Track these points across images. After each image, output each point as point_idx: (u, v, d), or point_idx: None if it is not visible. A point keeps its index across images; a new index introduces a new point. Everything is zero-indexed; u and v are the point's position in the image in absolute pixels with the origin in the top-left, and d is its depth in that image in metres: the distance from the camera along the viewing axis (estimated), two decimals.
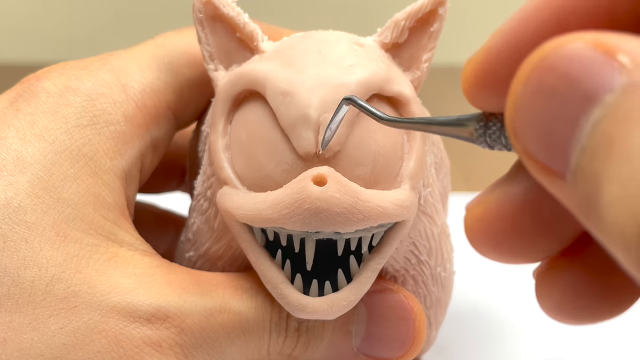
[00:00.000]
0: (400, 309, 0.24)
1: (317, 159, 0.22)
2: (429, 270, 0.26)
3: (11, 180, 0.22)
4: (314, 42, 0.23)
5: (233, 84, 0.23)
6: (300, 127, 0.21)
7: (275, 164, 0.22)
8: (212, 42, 0.25)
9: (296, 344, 0.24)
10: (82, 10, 0.77)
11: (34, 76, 0.25)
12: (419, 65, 0.25)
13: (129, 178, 0.25)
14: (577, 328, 0.33)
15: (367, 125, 0.22)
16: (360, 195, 0.21)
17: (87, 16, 0.77)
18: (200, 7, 0.25)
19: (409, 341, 0.24)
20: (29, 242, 0.22)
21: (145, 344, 0.22)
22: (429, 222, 0.25)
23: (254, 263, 0.23)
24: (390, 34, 0.24)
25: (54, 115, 0.24)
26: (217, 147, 0.23)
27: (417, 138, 0.23)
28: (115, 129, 0.25)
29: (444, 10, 0.24)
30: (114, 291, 0.22)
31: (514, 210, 0.17)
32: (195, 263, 0.26)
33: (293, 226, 0.21)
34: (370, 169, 0.22)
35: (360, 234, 0.22)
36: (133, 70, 0.26)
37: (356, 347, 0.24)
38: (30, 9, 0.76)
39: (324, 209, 0.21)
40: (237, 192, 0.23)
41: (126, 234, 0.24)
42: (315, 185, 0.21)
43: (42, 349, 0.21)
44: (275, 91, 0.22)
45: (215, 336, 0.23)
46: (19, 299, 0.21)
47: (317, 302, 0.22)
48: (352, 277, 0.23)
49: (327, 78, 0.22)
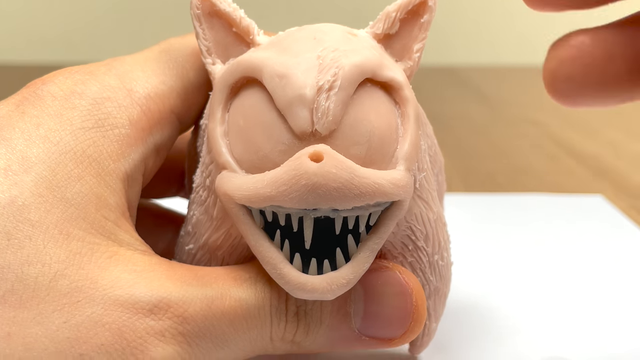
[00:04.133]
0: (396, 285, 0.25)
1: (313, 138, 0.22)
2: (427, 257, 0.26)
3: (16, 179, 0.23)
4: (309, 31, 0.24)
5: (230, 72, 0.24)
6: (297, 106, 0.22)
7: (272, 144, 0.23)
8: (210, 37, 0.26)
9: (297, 329, 0.24)
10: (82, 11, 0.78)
11: (39, 80, 0.26)
12: (411, 55, 0.26)
13: (131, 180, 0.26)
14: (577, 327, 0.33)
15: (362, 106, 0.23)
16: (357, 172, 0.22)
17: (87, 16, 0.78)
18: (198, 4, 0.26)
19: (407, 317, 0.25)
20: (32, 239, 0.22)
21: (148, 334, 0.22)
22: (424, 207, 0.26)
23: (253, 245, 0.23)
24: (382, 26, 0.25)
25: (59, 117, 0.25)
26: (216, 134, 0.24)
27: (411, 122, 0.24)
28: (120, 132, 0.25)
29: (433, 2, 0.25)
30: (115, 285, 0.22)
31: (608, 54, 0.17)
32: (195, 255, 0.26)
33: (291, 203, 0.22)
34: (365, 148, 0.23)
35: (357, 212, 0.23)
36: (138, 76, 0.27)
37: (357, 329, 0.25)
38: (30, 9, 0.77)
39: (321, 184, 0.21)
40: (236, 175, 0.23)
41: (126, 235, 0.24)
42: (312, 162, 0.21)
43: (46, 343, 0.21)
44: (271, 74, 0.23)
45: (217, 324, 0.23)
46: (22, 294, 0.22)
47: (316, 280, 0.23)
48: (350, 257, 0.23)
49: (322, 60, 0.23)
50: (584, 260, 0.41)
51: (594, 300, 0.36)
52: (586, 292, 0.37)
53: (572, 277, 0.38)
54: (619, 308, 0.35)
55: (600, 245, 0.43)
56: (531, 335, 0.32)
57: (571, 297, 0.36)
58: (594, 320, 0.34)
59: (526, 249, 0.42)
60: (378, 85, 0.24)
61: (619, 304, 0.35)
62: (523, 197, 0.52)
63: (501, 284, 0.37)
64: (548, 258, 0.41)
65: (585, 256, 0.41)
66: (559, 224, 0.47)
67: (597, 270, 0.39)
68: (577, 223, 0.47)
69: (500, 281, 0.38)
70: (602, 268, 0.40)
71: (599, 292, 0.37)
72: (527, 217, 0.48)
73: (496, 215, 0.48)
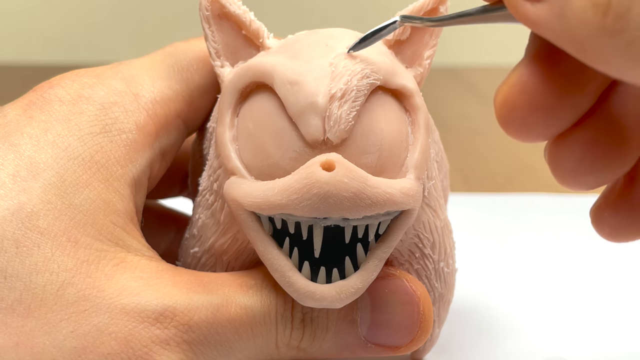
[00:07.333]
0: (403, 294, 0.25)
1: (324, 147, 0.22)
2: (432, 265, 0.26)
3: (24, 185, 0.23)
4: (320, 36, 0.24)
5: (240, 76, 0.24)
6: (308, 114, 0.22)
7: (283, 151, 0.22)
8: (219, 39, 0.26)
9: (302, 336, 0.24)
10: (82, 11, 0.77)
11: (47, 83, 0.26)
12: (421, 62, 0.25)
13: (138, 185, 0.25)
14: (578, 327, 0.33)
15: (373, 114, 0.23)
16: (368, 181, 0.22)
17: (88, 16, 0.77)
18: (207, 5, 0.25)
19: (414, 326, 0.25)
20: (41, 247, 0.22)
21: (153, 343, 0.22)
22: (432, 215, 0.26)
23: (261, 252, 0.23)
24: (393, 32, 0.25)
25: (67, 123, 0.24)
26: (225, 139, 0.24)
27: (421, 130, 0.24)
28: (127, 137, 0.25)
29: (445, 8, 0.25)
30: (122, 293, 0.22)
31: (533, 82, 0.19)
32: (200, 259, 0.26)
33: (302, 212, 0.22)
34: (376, 157, 0.23)
35: (367, 220, 0.22)
36: (144, 80, 0.27)
37: (363, 337, 0.25)
38: (30, 9, 0.77)
39: (333, 193, 0.21)
40: (245, 181, 0.23)
41: (134, 241, 0.24)
42: (323, 171, 0.21)
43: (54, 353, 0.21)
44: (283, 81, 0.23)
45: (222, 331, 0.23)
46: (31, 303, 0.22)
47: (325, 289, 0.22)
48: (359, 265, 0.23)
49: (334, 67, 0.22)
50: (583, 260, 0.41)
51: (595, 301, 0.36)
52: (586, 292, 0.37)
53: (572, 277, 0.38)
54: (619, 308, 0.35)
55: (600, 245, 0.43)
56: (532, 335, 0.32)
57: (571, 297, 0.36)
58: (594, 321, 0.34)
59: (526, 248, 0.42)
60: (389, 93, 0.24)
61: (619, 304, 0.35)
62: (523, 197, 0.52)
63: (501, 284, 0.37)
64: (548, 258, 0.41)
65: (585, 256, 0.41)
66: (559, 223, 0.47)
67: (598, 270, 0.39)
68: (577, 223, 0.47)
69: (500, 281, 0.38)
70: (602, 268, 0.40)
71: (599, 292, 0.37)
72: (527, 217, 0.48)
73: (496, 215, 0.48)
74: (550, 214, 0.48)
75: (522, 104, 0.20)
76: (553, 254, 0.42)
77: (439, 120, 0.29)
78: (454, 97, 0.82)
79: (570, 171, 0.21)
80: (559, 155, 0.21)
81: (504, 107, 0.20)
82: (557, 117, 0.20)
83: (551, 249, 0.42)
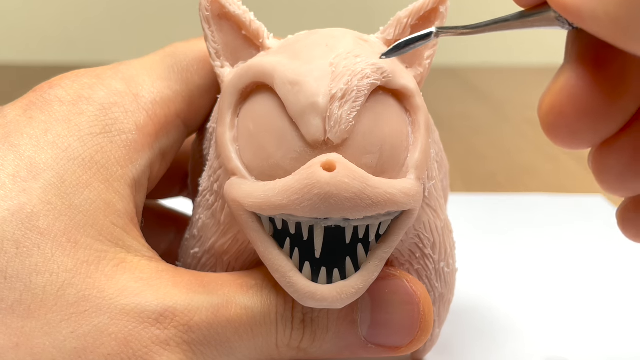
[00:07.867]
0: (403, 294, 0.25)
1: (325, 147, 0.22)
2: (433, 265, 0.26)
3: (25, 186, 0.23)
4: (320, 36, 0.24)
5: (240, 76, 0.24)
6: (309, 114, 0.22)
7: (283, 152, 0.22)
8: (219, 39, 0.25)
9: (303, 336, 0.24)
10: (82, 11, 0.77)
11: (47, 84, 0.26)
12: (421, 62, 0.25)
13: (138, 186, 0.25)
14: (578, 327, 0.33)
15: (374, 114, 0.23)
16: (369, 182, 0.22)
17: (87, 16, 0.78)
18: (207, 6, 0.25)
19: (415, 326, 0.25)
20: (41, 248, 0.22)
21: (153, 343, 0.22)
22: (433, 215, 0.26)
23: (262, 253, 0.23)
24: (393, 31, 0.25)
25: (67, 123, 0.24)
26: (225, 139, 0.24)
27: (421, 130, 0.24)
28: (127, 137, 0.25)
29: (445, 8, 0.25)
30: (122, 294, 0.22)
31: (581, 87, 0.19)
32: (200, 259, 0.26)
33: (303, 212, 0.22)
34: (377, 157, 0.23)
35: (368, 221, 0.22)
36: (144, 80, 0.27)
37: (364, 337, 0.25)
38: (30, 9, 0.77)
39: (334, 194, 0.21)
40: (246, 181, 0.23)
41: (134, 241, 0.24)
42: (324, 171, 0.21)
43: (54, 354, 0.21)
44: (283, 81, 0.22)
45: (223, 332, 0.23)
46: (31, 304, 0.22)
47: (326, 290, 0.22)
48: (360, 265, 0.23)
49: (334, 68, 0.22)
50: (584, 260, 0.41)
51: (595, 301, 0.36)
52: (587, 292, 0.37)
53: (572, 277, 0.39)
54: (619, 308, 0.35)
55: (601, 245, 0.43)
56: (532, 335, 0.32)
57: (571, 297, 0.36)
58: (595, 321, 0.34)
59: (526, 248, 0.42)
60: (390, 93, 0.24)
61: (619, 304, 0.35)
62: (523, 197, 0.52)
63: (501, 284, 0.37)
64: (548, 258, 0.41)
65: (586, 256, 0.41)
66: (559, 224, 0.47)
67: (598, 270, 0.39)
68: (577, 223, 0.47)
69: (500, 281, 0.38)
70: (602, 268, 0.40)
71: (599, 292, 0.37)
72: (527, 217, 0.48)
73: (496, 215, 0.48)
74: (550, 214, 0.49)
75: (570, 111, 0.19)
76: (553, 254, 0.42)
77: (439, 120, 0.29)
78: (454, 97, 0.82)
79: (617, 177, 0.20)
80: (605, 162, 0.20)
81: (550, 114, 0.19)
82: (605, 122, 0.19)
83: (551, 249, 0.42)
